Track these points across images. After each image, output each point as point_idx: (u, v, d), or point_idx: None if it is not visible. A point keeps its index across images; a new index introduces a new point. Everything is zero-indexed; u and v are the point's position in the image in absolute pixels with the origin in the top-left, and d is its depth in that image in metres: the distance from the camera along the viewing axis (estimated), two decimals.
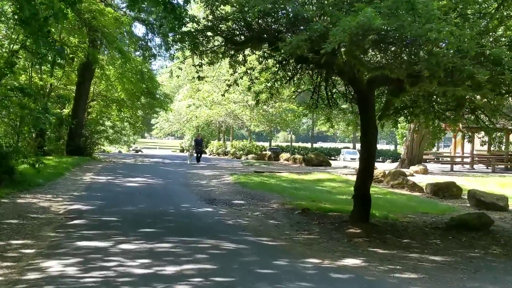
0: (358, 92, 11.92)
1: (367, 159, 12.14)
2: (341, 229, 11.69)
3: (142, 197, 16.07)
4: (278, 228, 11.86)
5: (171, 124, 76.63)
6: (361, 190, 12.08)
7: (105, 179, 20.83)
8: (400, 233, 11.88)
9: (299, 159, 37.15)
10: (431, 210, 15.47)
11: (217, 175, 24.28)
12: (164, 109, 43.72)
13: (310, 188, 19.57)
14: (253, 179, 21.91)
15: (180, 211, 13.77)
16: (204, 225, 11.62)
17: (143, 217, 12.26)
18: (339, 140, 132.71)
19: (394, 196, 18.53)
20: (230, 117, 61.71)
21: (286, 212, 14.06)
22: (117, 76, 33.28)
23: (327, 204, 15.27)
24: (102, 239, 9.34)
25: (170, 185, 19.79)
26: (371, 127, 11.71)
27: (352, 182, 22.44)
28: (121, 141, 54.11)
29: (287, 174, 25.15)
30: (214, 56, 13.61)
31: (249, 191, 18.09)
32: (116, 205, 14.11)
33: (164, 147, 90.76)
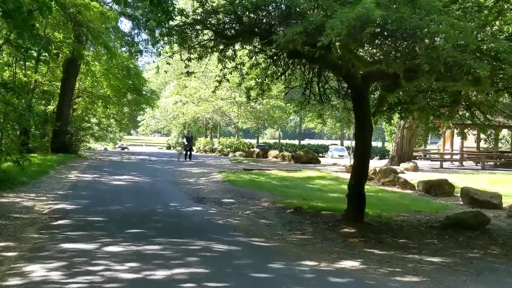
0: (352, 87, 11.58)
1: (362, 156, 11.80)
2: (335, 229, 11.36)
3: (129, 196, 15.64)
4: (270, 228, 11.51)
5: (157, 121, 76.09)
6: (356, 188, 11.75)
7: (91, 177, 20.36)
8: (395, 232, 11.57)
9: (287, 156, 36.79)
10: (424, 208, 15.21)
11: (205, 173, 23.88)
12: (150, 106, 43.20)
13: (301, 186, 19.24)
14: (242, 177, 21.53)
15: (169, 210, 13.38)
16: (193, 225, 11.24)
17: (130, 217, 11.86)
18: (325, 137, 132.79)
19: (386, 194, 18.25)
20: (218, 113, 61.30)
21: (278, 211, 13.72)
22: (103, 72, 32.69)
23: (319, 202, 14.95)
24: (88, 240, 8.93)
25: (157, 183, 19.36)
26: (366, 123, 11.38)
27: (342, 179, 22.26)
28: (107, 138, 53.43)
29: (276, 171, 24.79)
30: (203, 51, 13.24)
31: (239, 189, 17.72)
32: (102, 204, 13.68)
33: (151, 144, 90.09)
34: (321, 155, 53.06)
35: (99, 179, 19.92)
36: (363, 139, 11.56)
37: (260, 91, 14.40)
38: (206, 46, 13.22)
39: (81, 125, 36.09)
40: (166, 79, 72.83)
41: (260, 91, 14.43)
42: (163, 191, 17.30)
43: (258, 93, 14.59)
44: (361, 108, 11.40)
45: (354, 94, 11.61)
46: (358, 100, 11.49)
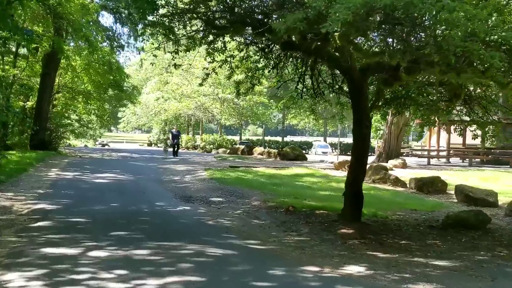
0: (350, 81, 10.98)
1: (360, 153, 11.22)
2: (332, 230, 10.78)
3: (113, 195, 14.93)
4: (264, 229, 10.90)
5: (138, 117, 75.29)
6: (353, 187, 11.18)
7: (71, 175, 19.58)
8: (395, 233, 11.03)
9: (273, 153, 36.14)
10: (419, 207, 14.72)
11: (190, 170, 23.18)
12: (132, 102, 42.34)
13: (290, 184, 18.65)
14: (229, 174, 20.88)
15: (155, 210, 12.71)
16: (183, 227, 10.61)
17: (115, 218, 11.20)
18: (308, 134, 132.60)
19: (378, 191, 17.72)
20: (200, 110, 60.60)
21: (269, 210, 13.12)
22: (84, 67, 31.89)
23: (312, 201, 14.37)
24: (71, 244, 8.26)
25: (141, 182, 18.65)
26: (364, 118, 10.80)
27: (332, 177, 21.73)
28: (87, 135, 52.55)
29: (263, 169, 24.17)
30: (191, 43, 12.60)
31: (227, 188, 17.07)
32: (84, 204, 12.99)
33: (131, 141, 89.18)
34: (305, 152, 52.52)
35: (81, 177, 19.15)
36: (361, 134, 10.97)
37: (250, 85, 13.79)
38: (194, 37, 12.59)
39: (61, 122, 35.16)
40: (147, 75, 72.10)
41: (251, 85, 13.81)
42: (148, 189, 16.61)
43: (248, 88, 13.96)
44: (359, 102, 10.83)
45: (352, 88, 11.01)
46: (356, 94, 10.90)
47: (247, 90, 14.10)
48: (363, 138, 10.97)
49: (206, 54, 13.32)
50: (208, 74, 13.53)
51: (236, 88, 13.84)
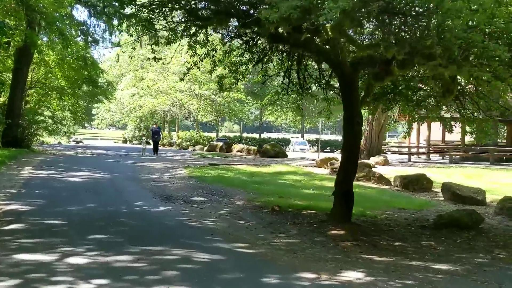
0: (340, 76, 10.46)
1: (351, 150, 10.70)
2: (322, 231, 10.29)
3: (89, 195, 14.28)
4: (250, 230, 10.37)
5: (113, 114, 74.29)
6: (344, 186, 10.67)
7: (45, 174, 18.83)
8: (387, 233, 10.57)
9: (253, 150, 35.61)
10: (407, 205, 14.32)
11: (169, 168, 22.56)
12: (107, 98, 41.40)
13: (272, 182, 18.14)
14: (210, 172, 20.30)
15: (134, 211, 12.10)
16: (165, 229, 10.04)
17: (92, 220, 10.57)
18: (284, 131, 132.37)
19: (364, 190, 17.26)
20: (176, 106, 59.86)
21: (254, 210, 12.60)
22: (57, 62, 31.02)
23: (297, 200, 13.87)
24: (46, 250, 7.64)
25: (118, 180, 17.99)
26: (355, 114, 10.30)
27: (315, 175, 21.28)
28: (60, 131, 51.44)
29: (244, 166, 23.63)
30: (171, 35, 12.01)
31: (208, 186, 16.52)
32: (59, 204, 12.33)
33: (106, 138, 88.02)
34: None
35: (55, 176, 18.42)
36: (352, 131, 10.47)
37: (234, 80, 13.23)
38: (175, 30, 12.01)
39: (34, 118, 34.16)
40: (122, 71, 71.00)
41: (234, 80, 13.25)
42: (126, 188, 15.97)
43: (232, 83, 13.40)
44: (350, 98, 10.33)
45: (342, 83, 10.50)
46: (347, 90, 10.40)
47: (231, 85, 13.53)
48: (354, 135, 10.48)
49: (187, 48, 12.73)
50: (190, 68, 12.92)
51: (219, 83, 13.24)
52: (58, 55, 29.74)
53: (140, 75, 65.37)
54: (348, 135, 10.59)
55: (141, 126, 69.40)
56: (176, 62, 57.01)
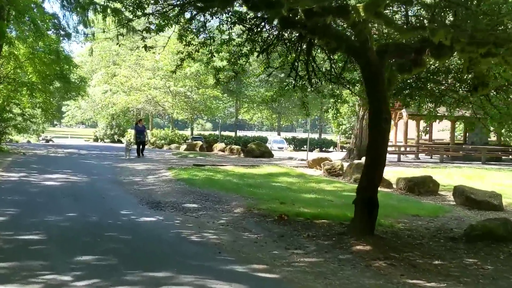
0: (365, 65, 9.04)
1: (377, 152, 9.30)
2: (344, 246, 8.90)
3: (68, 201, 12.71)
4: (261, 246, 8.91)
5: (83, 111, 72.27)
6: (368, 192, 9.29)
7: (17, 177, 17.14)
8: (417, 248, 9.20)
9: (236, 149, 34.01)
10: (420, 212, 13.01)
11: (151, 169, 20.98)
12: (80, 95, 39.37)
13: (267, 185, 16.72)
14: (197, 174, 18.77)
15: (122, 221, 10.58)
16: (163, 245, 8.55)
17: (75, 234, 9.04)
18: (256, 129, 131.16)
19: None
20: (150, 104, 58.06)
21: (258, 219, 11.15)
22: (28, 56, 29.08)
23: (301, 207, 12.48)
24: (23, 279, 6.14)
25: (98, 184, 16.40)
26: (383, 110, 8.89)
27: (309, 176, 19.91)
28: (30, 129, 49.23)
29: (232, 167, 22.14)
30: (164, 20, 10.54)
31: (199, 190, 15.03)
32: (35, 213, 10.80)
33: (76, 136, 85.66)
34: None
35: (28, 179, 16.76)
36: (379, 129, 9.04)
37: (233, 73, 11.79)
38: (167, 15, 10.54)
39: (2, 116, 32.16)
40: (94, 67, 68.94)
41: (233, 74, 11.81)
42: (107, 193, 14.42)
43: (230, 76, 11.95)
44: (376, 91, 8.93)
45: (368, 73, 9.06)
46: (373, 81, 8.99)
47: (229, 79, 12.07)
48: (381, 134, 9.06)
49: (178, 37, 11.25)
50: (183, 59, 11.44)
51: (216, 76, 11.76)
52: (29, 48, 27.85)
53: (112, 71, 63.50)
54: (374, 134, 9.17)
55: (113, 124, 67.32)
56: (150, 58, 55.38)
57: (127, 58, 61.36)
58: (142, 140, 29.40)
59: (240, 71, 11.77)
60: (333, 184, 17.69)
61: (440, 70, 10.49)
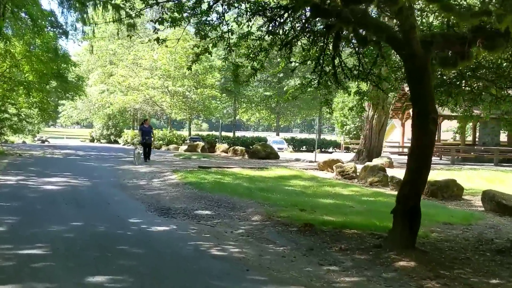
0: (409, 58, 8.06)
1: (423, 156, 8.30)
2: (384, 261, 7.94)
3: (70, 208, 11.75)
4: (291, 261, 7.94)
5: (79, 111, 71.39)
6: (411, 201, 8.33)
7: (14, 180, 16.16)
8: (466, 264, 8.21)
9: (240, 150, 32.99)
10: (451, 219, 12.06)
11: (155, 172, 19.99)
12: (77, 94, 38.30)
13: (279, 189, 15.77)
14: (204, 177, 17.79)
15: (132, 232, 9.59)
16: (183, 262, 7.59)
17: (82, 247, 8.07)
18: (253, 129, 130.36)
19: (386, 198, 15.01)
20: (148, 104, 57.04)
21: (280, 229, 10.20)
22: (24, 54, 28.07)
23: (324, 214, 11.53)
24: None
25: (101, 188, 15.44)
26: (430, 108, 7.91)
27: (321, 180, 18.96)
28: (25, 130, 48.20)
29: (239, 170, 21.19)
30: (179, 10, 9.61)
31: (209, 195, 14.07)
32: (36, 222, 9.85)
33: (72, 136, 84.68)
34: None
35: (26, 183, 15.79)
36: (426, 130, 8.04)
37: (252, 71, 10.83)
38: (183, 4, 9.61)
39: None
40: (90, 66, 67.99)
41: (252, 71, 10.85)
42: (112, 198, 13.48)
43: (250, 74, 10.98)
44: (422, 87, 7.95)
45: (411, 67, 8.06)
46: (418, 77, 8.01)
47: (249, 77, 11.10)
48: (428, 136, 8.07)
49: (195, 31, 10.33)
50: (199, 54, 10.48)
51: (234, 73, 10.79)
52: (26, 46, 26.85)
53: (109, 70, 62.57)
54: (419, 136, 8.16)
55: (110, 124, 66.34)
56: (147, 57, 54.39)
57: (124, 57, 60.50)
58: (149, 141, 26.31)
59: (259, 68, 10.80)
60: (349, 188, 16.75)
61: (482, 64, 9.55)
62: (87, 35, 33.38)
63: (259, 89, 72.07)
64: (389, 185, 17.22)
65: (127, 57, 58.92)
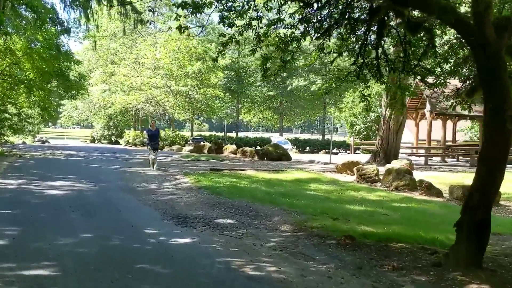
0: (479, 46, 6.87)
1: (497, 160, 7.07)
2: (452, 284, 6.76)
3: (78, 216, 10.60)
4: (340, 283, 6.77)
5: (80, 112, 70.34)
6: (479, 212, 7.15)
7: (15, 184, 15.02)
8: None
9: (250, 152, 31.73)
10: (498, 229, 10.82)
11: (165, 175, 18.85)
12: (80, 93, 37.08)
13: (301, 194, 14.62)
14: (218, 181, 16.63)
15: (151, 245, 8.40)
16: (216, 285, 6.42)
17: (97, 266, 6.92)
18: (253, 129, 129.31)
19: (419, 204, 13.85)
20: (151, 104, 55.80)
21: (316, 242, 9.01)
22: (25, 51, 26.84)
23: (360, 223, 10.37)
24: None
25: (110, 192, 14.29)
26: (507, 106, 6.72)
27: (342, 183, 17.78)
28: (25, 130, 47.04)
29: (254, 172, 20.02)
30: None
31: (228, 201, 12.92)
32: (41, 234, 8.74)
33: (72, 137, 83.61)
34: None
35: (28, 187, 14.65)
36: (502, 130, 6.80)
37: (281, 63, 9.69)
38: None
39: None
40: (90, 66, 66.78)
41: (282, 64, 9.71)
42: (123, 205, 12.32)
43: (279, 66, 9.83)
44: (495, 79, 6.77)
45: (482, 56, 6.87)
46: (490, 66, 6.77)
47: (278, 69, 9.94)
48: (504, 137, 6.85)
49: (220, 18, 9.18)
50: (226, 44, 9.31)
51: (263, 65, 9.62)
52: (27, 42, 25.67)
53: (110, 70, 61.41)
54: (492, 137, 6.92)
55: (111, 124, 65.20)
56: (150, 57, 53.21)
57: (126, 56, 59.37)
58: (155, 147, 22.32)
59: (290, 60, 9.65)
60: (375, 193, 15.56)
61: None
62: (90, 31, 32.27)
63: (263, 89, 70.88)
64: (417, 190, 16.02)
65: (129, 56, 57.76)
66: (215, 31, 71.78)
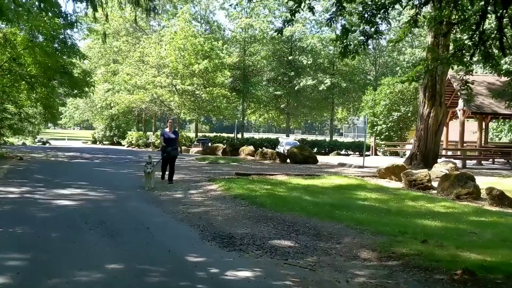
0: None
1: None
2: None
3: (98, 238, 8.37)
4: None
5: (81, 112, 68.53)
6: None
7: (18, 193, 12.80)
8: None
9: (271, 154, 29.35)
10: None
11: (188, 180, 16.60)
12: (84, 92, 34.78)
13: (353, 205, 12.38)
14: (251, 188, 14.40)
15: (202, 283, 6.16)
16: None
17: None
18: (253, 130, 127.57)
19: (500, 218, 11.62)
20: (155, 103, 53.61)
21: (420, 277, 6.75)
22: (27, 44, 24.58)
23: (458, 248, 8.14)
24: None
25: (130, 203, 12.10)
26: None
27: (391, 190, 15.60)
28: (25, 131, 44.77)
29: (285, 177, 17.72)
30: None
31: (275, 215, 10.70)
32: (53, 264, 6.72)
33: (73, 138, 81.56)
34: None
35: (33, 196, 12.47)
36: None
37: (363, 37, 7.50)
38: None
39: None
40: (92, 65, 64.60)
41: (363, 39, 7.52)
42: (150, 220, 10.12)
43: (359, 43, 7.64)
44: None
45: None
46: None
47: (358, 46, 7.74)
48: None
49: None
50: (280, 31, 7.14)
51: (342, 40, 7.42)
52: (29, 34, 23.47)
53: (112, 69, 59.36)
54: None
55: (113, 125, 63.02)
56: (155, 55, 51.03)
57: (130, 55, 57.40)
58: (174, 154, 16.86)
59: (374, 35, 7.45)
60: (438, 203, 13.24)
61: None
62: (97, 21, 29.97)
63: (269, 88, 68.64)
64: (486, 199, 13.74)
65: (133, 54, 55.73)
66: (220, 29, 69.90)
